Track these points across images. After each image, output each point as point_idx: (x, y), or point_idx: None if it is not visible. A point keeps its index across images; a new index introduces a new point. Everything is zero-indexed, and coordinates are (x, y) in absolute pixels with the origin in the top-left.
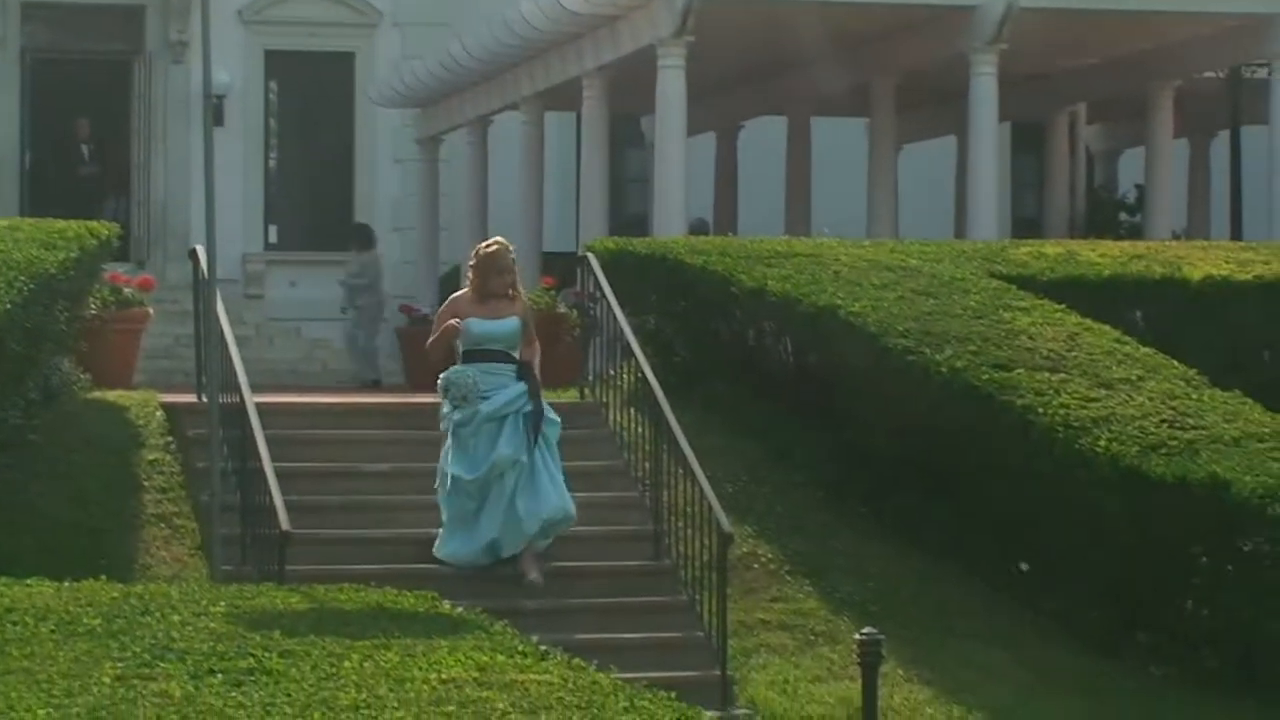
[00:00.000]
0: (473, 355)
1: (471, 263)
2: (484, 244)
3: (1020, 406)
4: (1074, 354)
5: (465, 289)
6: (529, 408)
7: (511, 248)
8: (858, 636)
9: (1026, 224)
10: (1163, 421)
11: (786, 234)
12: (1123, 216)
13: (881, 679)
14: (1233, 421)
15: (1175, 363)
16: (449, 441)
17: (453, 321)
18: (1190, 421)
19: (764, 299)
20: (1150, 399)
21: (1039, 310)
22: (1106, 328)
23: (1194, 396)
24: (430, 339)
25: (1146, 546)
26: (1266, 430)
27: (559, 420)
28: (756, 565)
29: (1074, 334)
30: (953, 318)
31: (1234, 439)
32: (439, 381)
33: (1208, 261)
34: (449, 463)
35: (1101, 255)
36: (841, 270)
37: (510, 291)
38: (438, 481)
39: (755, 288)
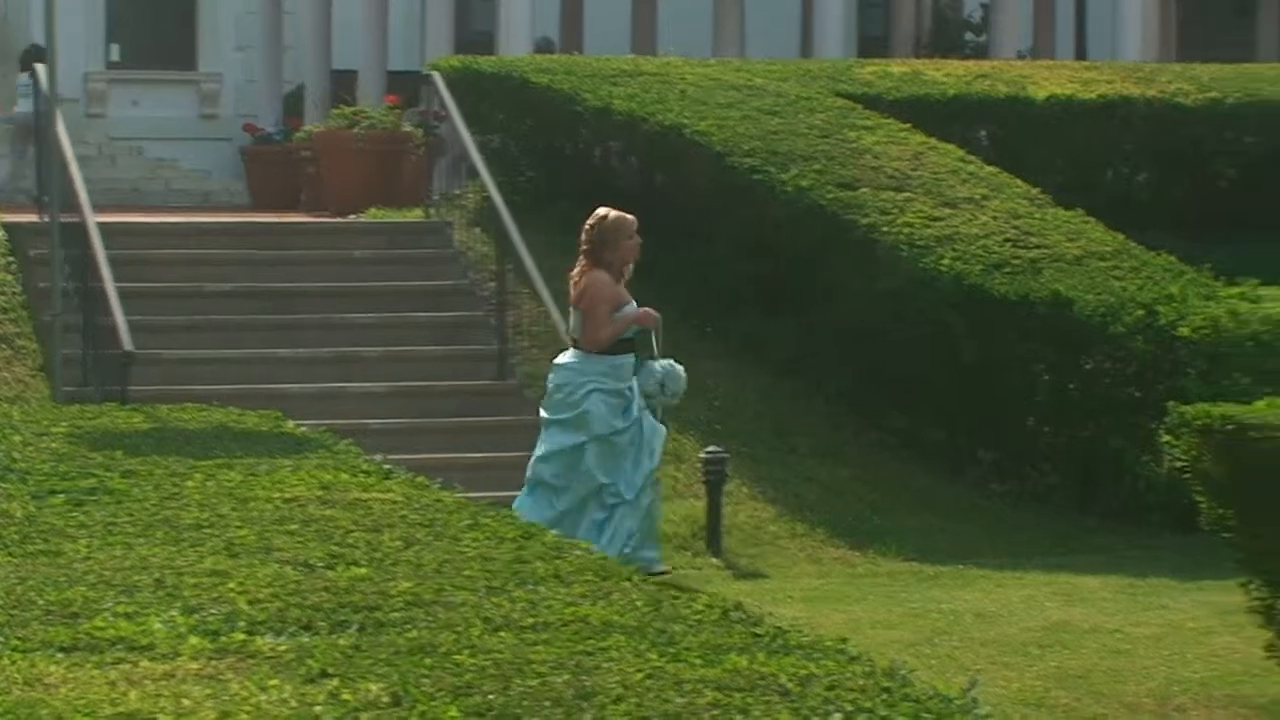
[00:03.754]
0: (621, 345)
1: (589, 243)
2: (600, 213)
3: (865, 225)
4: (919, 173)
5: (598, 270)
6: (659, 417)
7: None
8: (702, 455)
9: (872, 43)
10: (1006, 240)
11: (633, 53)
12: (968, 36)
13: (726, 497)
14: (1075, 240)
15: (1019, 182)
16: (594, 449)
17: (649, 310)
18: (1034, 240)
19: (610, 118)
20: (994, 218)
21: (884, 129)
22: (951, 147)
23: (1037, 215)
24: (608, 329)
25: (989, 365)
26: (1108, 249)
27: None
28: None
29: (919, 153)
30: (798, 136)
31: (1076, 258)
32: (638, 378)
33: (1052, 81)
34: (605, 473)
35: (946, 75)
36: (687, 89)
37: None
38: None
39: (601, 107)
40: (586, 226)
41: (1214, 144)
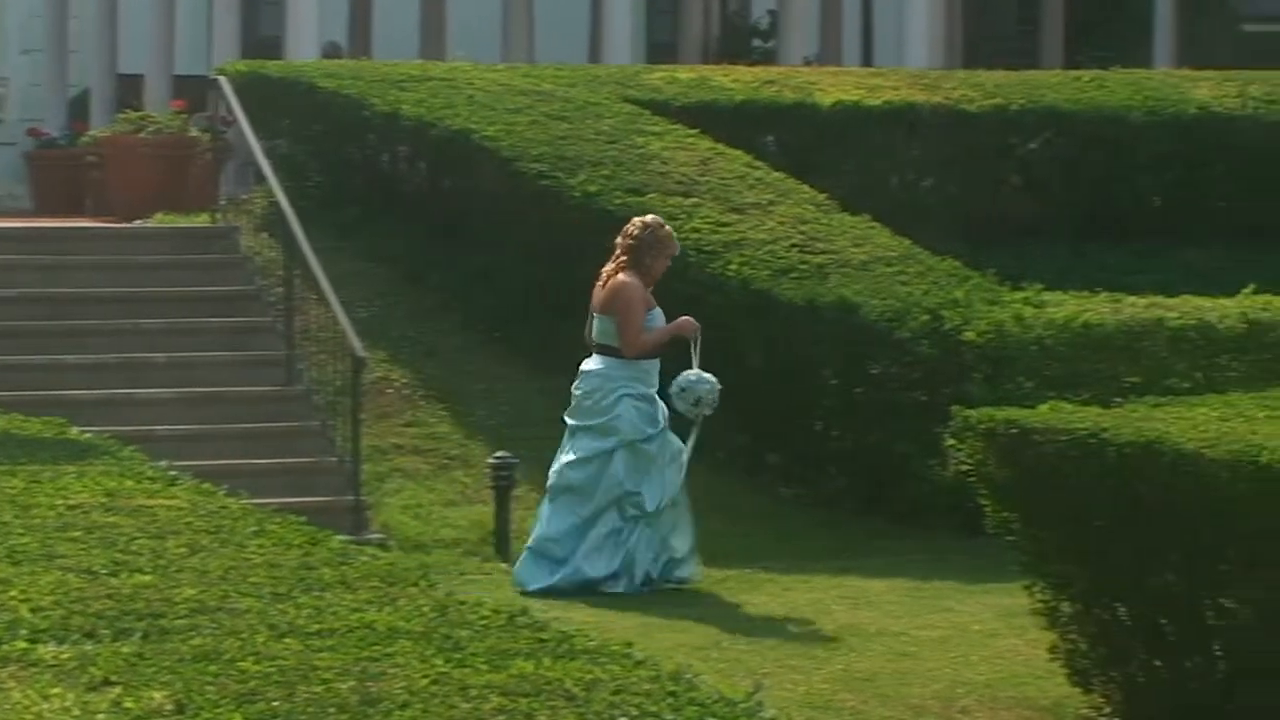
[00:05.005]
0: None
1: (634, 241)
2: (647, 219)
3: None
4: (706, 178)
5: (629, 275)
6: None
7: None
8: (491, 460)
9: (661, 49)
10: (793, 246)
11: (421, 58)
12: (756, 42)
13: (515, 502)
14: (862, 246)
15: (806, 187)
16: (624, 455)
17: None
18: (820, 246)
19: (398, 123)
20: (781, 223)
21: (672, 135)
22: (738, 152)
23: (824, 221)
24: (647, 336)
25: (777, 369)
26: (894, 254)
27: None
28: (390, 390)
29: (706, 159)
30: (586, 142)
31: (863, 263)
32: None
33: (839, 87)
34: (633, 481)
35: (734, 81)
36: (476, 94)
37: None
38: (613, 497)
39: (389, 111)
40: (639, 223)
41: (998, 150)
